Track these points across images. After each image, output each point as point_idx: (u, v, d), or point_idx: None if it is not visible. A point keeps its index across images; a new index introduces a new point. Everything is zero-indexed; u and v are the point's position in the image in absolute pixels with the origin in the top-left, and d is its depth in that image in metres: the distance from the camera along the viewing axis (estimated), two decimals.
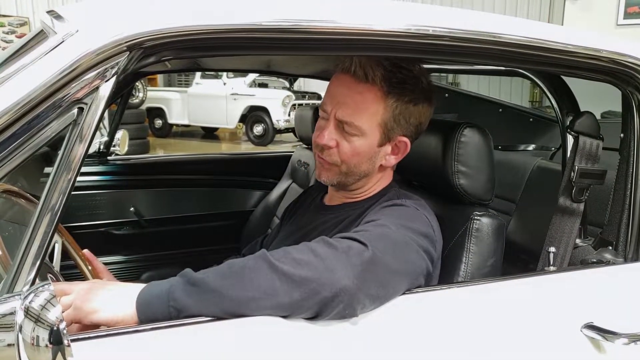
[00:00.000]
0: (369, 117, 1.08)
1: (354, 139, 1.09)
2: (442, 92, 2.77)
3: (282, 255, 0.87)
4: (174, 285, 0.85)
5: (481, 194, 1.19)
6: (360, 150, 1.10)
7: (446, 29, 0.95)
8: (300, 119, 2.33)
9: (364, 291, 0.87)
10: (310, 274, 0.84)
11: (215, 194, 2.57)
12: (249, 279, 0.83)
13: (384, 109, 1.08)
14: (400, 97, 1.08)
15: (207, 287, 0.83)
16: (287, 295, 0.83)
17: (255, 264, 0.85)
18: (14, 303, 0.65)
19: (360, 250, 0.89)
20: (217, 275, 0.85)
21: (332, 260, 0.86)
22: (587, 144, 1.19)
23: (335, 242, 0.91)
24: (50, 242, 0.73)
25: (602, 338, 1.03)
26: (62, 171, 0.75)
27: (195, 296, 0.83)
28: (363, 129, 1.08)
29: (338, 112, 1.08)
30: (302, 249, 0.89)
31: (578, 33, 1.09)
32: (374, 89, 1.07)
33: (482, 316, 1.02)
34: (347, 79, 1.08)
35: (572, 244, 1.19)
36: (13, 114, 0.72)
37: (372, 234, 0.94)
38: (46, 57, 0.76)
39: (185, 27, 0.80)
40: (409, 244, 0.98)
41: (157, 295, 0.84)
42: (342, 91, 1.09)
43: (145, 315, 0.83)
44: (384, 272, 0.91)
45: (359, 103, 1.07)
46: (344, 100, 1.08)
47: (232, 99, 10.17)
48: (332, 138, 1.10)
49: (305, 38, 0.89)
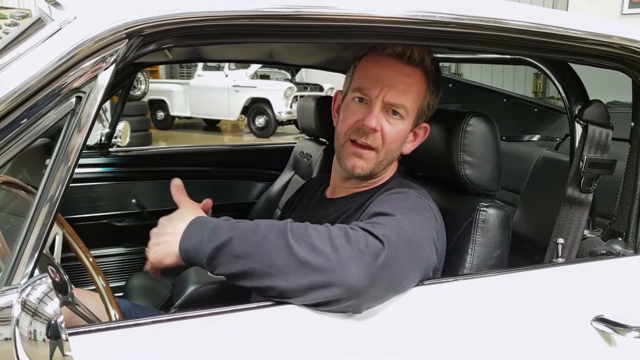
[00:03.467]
0: (414, 100, 1.10)
1: (397, 123, 1.10)
2: (446, 82, 2.75)
3: (301, 236, 0.87)
4: (206, 242, 0.90)
5: (487, 185, 1.18)
6: (401, 135, 1.11)
7: (453, 15, 0.93)
8: (303, 111, 2.31)
9: (373, 293, 0.86)
10: (324, 265, 0.83)
11: (218, 185, 2.56)
12: (266, 255, 0.86)
13: (425, 93, 1.11)
14: (436, 81, 1.12)
15: (232, 252, 0.88)
16: (296, 281, 0.84)
17: (275, 240, 0.87)
18: (11, 296, 0.64)
19: (377, 251, 0.86)
20: (242, 239, 0.88)
21: (347, 256, 0.84)
22: (596, 133, 1.17)
23: (355, 235, 0.88)
24: (49, 233, 0.72)
25: (613, 331, 1.02)
26: (61, 161, 0.73)
27: (223, 259, 0.89)
28: (409, 112, 1.10)
29: (388, 94, 1.08)
30: (322, 235, 0.88)
31: (588, 19, 1.07)
32: (420, 73, 1.10)
33: (489, 309, 1.00)
34: (392, 61, 1.09)
35: (580, 235, 1.17)
36: (10, 102, 0.71)
37: (388, 230, 0.91)
38: (43, 44, 0.74)
39: (185, 14, 0.78)
40: (421, 241, 0.96)
41: (194, 246, 0.91)
42: (388, 74, 1.09)
43: (188, 261, 0.92)
44: (396, 274, 0.89)
45: (409, 85, 1.09)
46: (391, 82, 1.08)
47: (234, 91, 10.15)
48: (379, 122, 1.08)
49: (307, 25, 0.87)
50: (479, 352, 0.98)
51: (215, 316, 0.82)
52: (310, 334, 0.86)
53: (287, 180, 2.39)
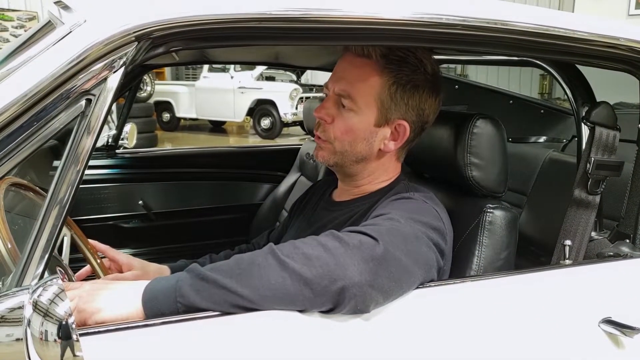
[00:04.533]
0: (365, 90, 1.09)
1: (350, 115, 1.10)
2: (452, 84, 2.75)
3: (291, 251, 0.86)
4: (181, 281, 0.84)
5: (494, 186, 1.18)
6: (354, 128, 1.10)
7: (459, 17, 0.93)
8: (308, 112, 2.32)
9: (376, 287, 0.86)
10: (322, 270, 0.83)
11: (224, 187, 2.56)
12: (258, 277, 0.82)
13: (380, 84, 1.09)
14: (397, 74, 1.09)
15: (216, 284, 0.82)
16: (299, 294, 0.82)
17: (264, 261, 0.84)
18: (22, 297, 0.64)
19: (372, 245, 0.88)
20: (226, 271, 0.84)
21: (343, 256, 0.85)
22: (603, 135, 1.16)
23: (346, 236, 0.89)
24: (59, 235, 0.72)
25: (621, 333, 1.02)
26: (70, 164, 0.74)
27: (203, 292, 0.82)
28: (358, 103, 1.09)
29: (337, 86, 1.10)
30: (311, 244, 0.88)
31: (594, 20, 1.07)
32: (371, 63, 1.09)
33: (496, 311, 1.00)
34: (349, 55, 1.12)
35: (587, 237, 1.17)
36: (21, 105, 0.71)
37: (381, 228, 0.93)
38: (54, 47, 0.75)
39: (194, 17, 0.78)
40: (419, 237, 0.97)
41: (164, 291, 0.84)
42: (342, 66, 1.13)
43: (152, 311, 0.82)
44: (395, 267, 0.89)
45: (356, 75, 1.09)
46: (343, 74, 1.11)
47: (240, 93, 10.16)
48: (329, 113, 1.11)
49: (315, 27, 0.87)
50: (486, 354, 0.97)
51: (224, 317, 0.82)
52: (317, 335, 0.86)
53: (293, 182, 2.39)
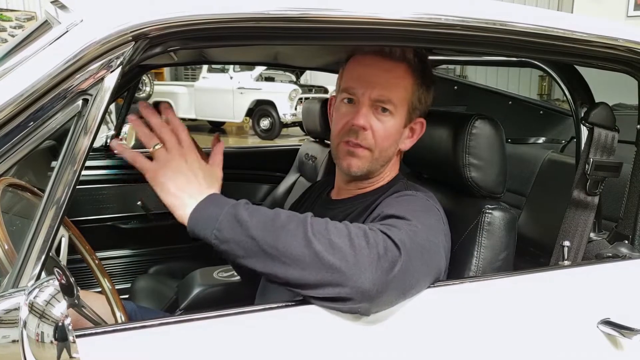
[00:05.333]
0: (401, 94, 1.10)
1: (387, 120, 1.09)
2: (451, 85, 2.74)
3: (321, 230, 0.86)
4: (224, 215, 0.87)
5: (493, 187, 1.17)
6: (392, 132, 1.10)
7: (459, 18, 0.93)
8: (308, 113, 2.31)
9: (385, 299, 0.86)
10: (340, 264, 0.82)
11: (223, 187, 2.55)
12: (283, 243, 0.84)
13: (411, 85, 1.11)
14: (422, 74, 1.11)
15: (248, 232, 0.85)
16: (311, 274, 0.83)
17: (295, 230, 0.85)
18: (19, 298, 0.64)
19: (395, 258, 0.86)
20: (260, 223, 0.86)
21: (365, 259, 0.83)
22: (602, 136, 1.16)
23: (374, 237, 0.87)
24: (55, 235, 0.72)
25: (619, 334, 1.02)
26: (67, 164, 0.73)
27: (237, 235, 0.86)
28: (397, 107, 1.09)
29: (373, 92, 1.08)
30: (341, 233, 0.86)
31: (593, 21, 1.06)
32: (403, 66, 1.10)
33: (495, 311, 1.00)
34: (373, 59, 1.10)
35: (586, 238, 1.17)
36: (17, 105, 0.71)
37: (404, 235, 0.90)
38: (50, 47, 0.75)
39: (191, 17, 0.78)
40: (433, 247, 0.96)
41: (208, 218, 0.88)
42: (372, 72, 1.09)
43: (193, 231, 0.89)
44: (408, 281, 0.89)
45: (392, 80, 1.09)
46: (376, 80, 1.08)
47: (239, 93, 10.16)
48: (368, 120, 1.08)
49: (313, 27, 0.87)
50: (484, 354, 0.97)
51: (221, 318, 0.82)
52: (316, 336, 0.86)
53: (293, 182, 2.39)
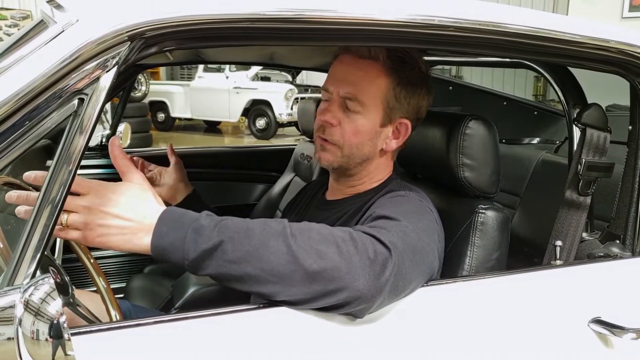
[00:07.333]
0: (372, 92, 1.09)
1: (357, 117, 1.09)
2: (446, 85, 2.76)
3: (305, 240, 0.83)
4: (189, 243, 0.80)
5: (486, 187, 1.18)
6: (362, 129, 1.10)
7: (452, 19, 0.93)
8: (303, 112, 2.32)
9: (379, 300, 0.86)
10: (332, 274, 0.81)
11: (218, 187, 2.56)
12: (267, 262, 0.81)
13: (385, 84, 1.10)
14: (401, 74, 1.10)
15: (225, 257, 0.80)
16: (304, 290, 0.82)
17: (276, 246, 0.81)
18: (14, 296, 0.64)
19: (385, 260, 0.85)
20: (235, 244, 0.81)
21: (357, 265, 0.83)
22: (594, 137, 1.17)
23: (361, 241, 0.86)
24: (51, 234, 0.72)
25: (610, 333, 1.03)
26: (63, 163, 0.73)
27: (213, 262, 0.81)
28: (366, 105, 1.09)
29: (341, 89, 1.10)
30: (326, 239, 0.84)
31: (586, 23, 1.07)
32: (377, 65, 1.09)
33: (487, 311, 1.01)
34: (349, 57, 1.11)
35: (578, 238, 1.18)
36: (12, 104, 0.71)
37: (394, 236, 0.90)
38: (46, 47, 0.75)
39: (187, 17, 0.78)
40: (425, 247, 0.96)
41: (172, 244, 0.81)
42: (344, 69, 1.12)
43: (160, 258, 0.81)
44: (400, 281, 0.89)
45: (362, 78, 1.09)
46: (346, 77, 1.10)
47: (235, 93, 10.15)
48: (335, 116, 1.10)
49: (308, 28, 0.88)
50: (476, 353, 0.98)
51: (216, 317, 0.83)
52: (310, 335, 0.87)
53: (288, 182, 2.39)
